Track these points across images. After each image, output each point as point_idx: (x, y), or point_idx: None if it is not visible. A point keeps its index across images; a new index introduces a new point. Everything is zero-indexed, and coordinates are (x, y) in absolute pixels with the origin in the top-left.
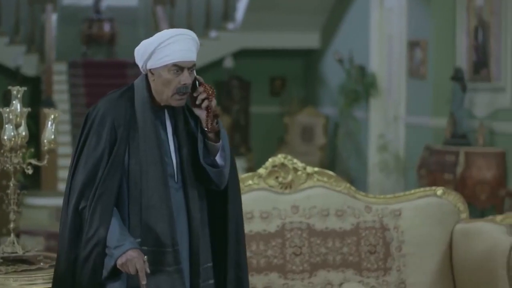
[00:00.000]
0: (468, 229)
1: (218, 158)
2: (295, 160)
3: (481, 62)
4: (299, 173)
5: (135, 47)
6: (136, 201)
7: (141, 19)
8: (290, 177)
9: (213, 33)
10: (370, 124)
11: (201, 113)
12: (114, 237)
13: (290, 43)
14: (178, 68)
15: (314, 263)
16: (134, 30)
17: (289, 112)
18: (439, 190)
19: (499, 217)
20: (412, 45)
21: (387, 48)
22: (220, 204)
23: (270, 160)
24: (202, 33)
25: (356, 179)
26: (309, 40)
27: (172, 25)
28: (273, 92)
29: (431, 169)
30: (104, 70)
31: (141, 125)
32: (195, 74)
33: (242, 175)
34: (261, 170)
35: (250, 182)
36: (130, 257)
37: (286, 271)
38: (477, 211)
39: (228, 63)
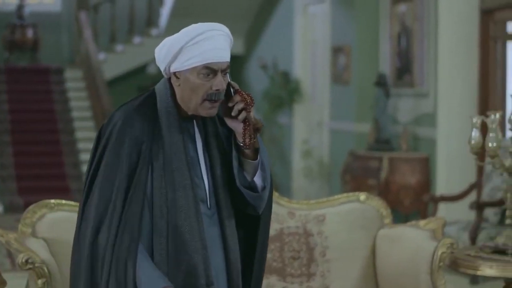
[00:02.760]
0: (392, 234)
1: (257, 179)
2: None
3: (404, 68)
4: None
5: (58, 52)
6: (162, 233)
7: (64, 25)
8: None
9: (136, 39)
10: (294, 129)
11: (237, 126)
12: (144, 278)
13: None
14: (210, 70)
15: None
16: (57, 35)
17: None
18: (362, 196)
19: (422, 222)
20: (336, 50)
21: (311, 54)
22: (247, 225)
23: None
24: (125, 39)
25: (280, 185)
26: (233, 46)
27: (95, 31)
28: None
29: (355, 175)
30: (27, 76)
31: (167, 141)
32: (229, 79)
33: None
34: None
35: None
36: None
37: None
38: (401, 216)
39: (152, 69)
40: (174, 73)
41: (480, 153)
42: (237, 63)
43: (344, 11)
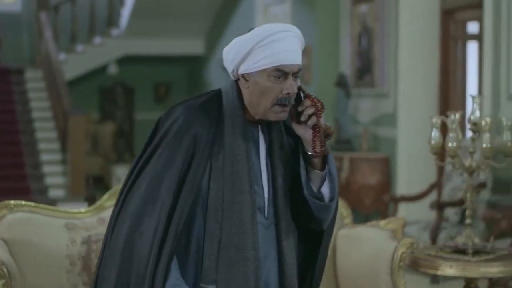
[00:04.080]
0: (352, 234)
1: (324, 190)
2: None
3: (365, 68)
4: None
5: (19, 53)
6: (214, 238)
7: (25, 25)
8: None
9: (97, 39)
10: None
11: (306, 133)
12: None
13: (175, 49)
14: (281, 73)
15: None
16: (18, 35)
17: None
18: None
19: (382, 222)
20: None
21: None
22: (309, 239)
23: None
24: (86, 39)
25: None
26: (194, 46)
27: (55, 31)
28: (157, 99)
29: None
30: None
31: (229, 143)
32: (299, 83)
33: None
34: None
35: None
36: None
37: None
38: (362, 216)
39: (112, 69)
40: (243, 75)
41: (440, 153)
42: (197, 63)
43: (305, 12)
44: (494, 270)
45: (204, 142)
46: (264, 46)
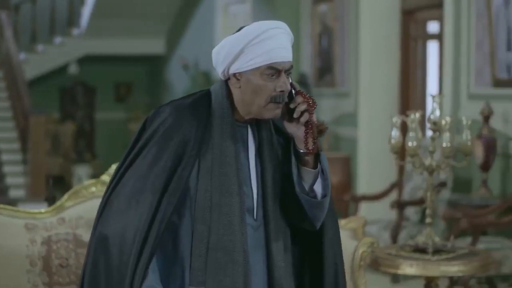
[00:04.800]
0: None
1: (317, 187)
2: None
3: (326, 68)
4: None
5: None
6: (202, 239)
7: None
8: None
9: (57, 39)
10: None
11: (298, 130)
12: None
13: (135, 49)
14: (274, 71)
15: None
16: None
17: (135, 118)
18: None
19: (343, 221)
20: None
21: None
22: (312, 246)
23: (113, 166)
24: (46, 39)
25: None
26: (154, 46)
27: (16, 31)
28: (118, 98)
29: None
30: None
31: (217, 143)
32: (291, 79)
33: (85, 182)
34: (105, 177)
35: (94, 189)
36: None
37: None
38: None
39: (73, 69)
40: (234, 75)
41: (401, 152)
42: (158, 63)
43: (265, 11)
44: (454, 269)
45: (193, 142)
46: (256, 44)
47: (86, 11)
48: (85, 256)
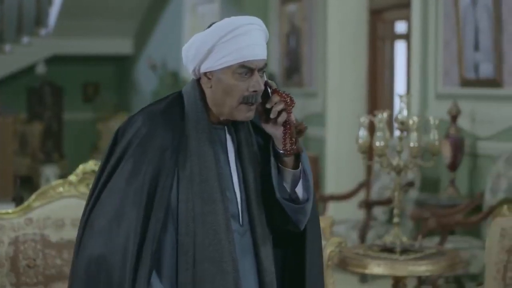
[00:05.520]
0: None
1: (299, 190)
2: None
3: (294, 68)
4: None
5: None
6: (188, 252)
7: None
8: None
9: (25, 39)
10: None
11: (276, 131)
12: None
13: (103, 49)
14: (247, 69)
15: None
16: None
17: (102, 118)
18: None
19: None
20: None
21: None
22: (291, 247)
23: (80, 167)
24: (13, 39)
25: None
26: (122, 46)
27: None
28: (86, 98)
29: None
30: None
31: (195, 149)
32: (266, 78)
33: (53, 183)
34: (72, 177)
35: (61, 189)
36: None
37: None
38: None
39: (41, 69)
40: (205, 74)
41: (368, 152)
42: (126, 63)
43: (233, 11)
44: (422, 268)
45: (170, 151)
46: (228, 42)
47: (54, 11)
48: (71, 280)
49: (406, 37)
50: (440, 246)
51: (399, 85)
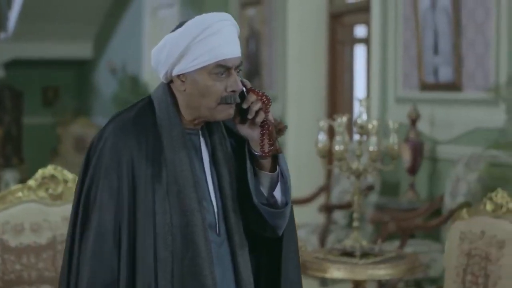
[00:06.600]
0: None
1: (277, 194)
2: (65, 172)
3: (253, 71)
4: (69, 184)
5: None
6: (166, 267)
7: None
8: (60, 189)
9: None
10: None
11: (252, 132)
12: None
13: (63, 53)
14: (224, 68)
15: None
16: None
17: (62, 123)
18: None
19: None
20: None
21: None
22: (267, 253)
23: (40, 171)
24: None
25: None
26: (82, 50)
27: None
28: (46, 102)
29: None
30: None
31: (170, 159)
32: (241, 77)
33: (12, 187)
34: (31, 182)
35: (20, 194)
36: None
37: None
38: None
39: (0, 73)
40: (178, 76)
41: (328, 156)
42: (86, 66)
43: (193, 15)
44: (382, 272)
45: (144, 162)
46: (201, 41)
47: (13, 15)
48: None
49: (366, 41)
50: (400, 249)
51: (359, 89)
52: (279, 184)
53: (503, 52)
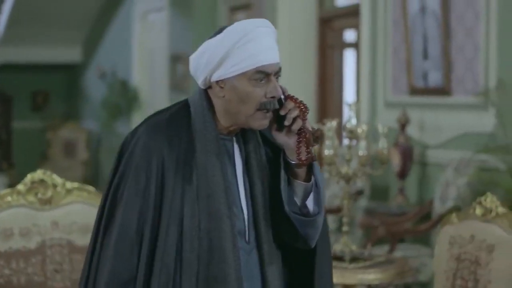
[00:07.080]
0: None
1: (309, 203)
2: (54, 176)
3: None
4: (59, 188)
5: None
6: (192, 271)
7: None
8: (49, 193)
9: None
10: None
11: (289, 140)
12: None
13: (52, 57)
14: (263, 75)
15: (75, 279)
16: None
17: (52, 127)
18: None
19: None
20: (175, 58)
21: (149, 62)
22: (300, 263)
23: (29, 176)
24: None
25: None
26: (71, 54)
27: None
28: (35, 107)
29: None
30: None
31: (202, 162)
32: (280, 83)
33: (1, 192)
34: (20, 187)
35: (9, 198)
36: None
37: None
38: None
39: None
40: (217, 82)
41: (317, 160)
42: (75, 71)
43: (183, 20)
44: (371, 276)
45: (175, 163)
46: (242, 47)
47: (2, 19)
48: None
49: (355, 45)
50: (389, 254)
51: (348, 94)
52: (312, 193)
53: (492, 56)
